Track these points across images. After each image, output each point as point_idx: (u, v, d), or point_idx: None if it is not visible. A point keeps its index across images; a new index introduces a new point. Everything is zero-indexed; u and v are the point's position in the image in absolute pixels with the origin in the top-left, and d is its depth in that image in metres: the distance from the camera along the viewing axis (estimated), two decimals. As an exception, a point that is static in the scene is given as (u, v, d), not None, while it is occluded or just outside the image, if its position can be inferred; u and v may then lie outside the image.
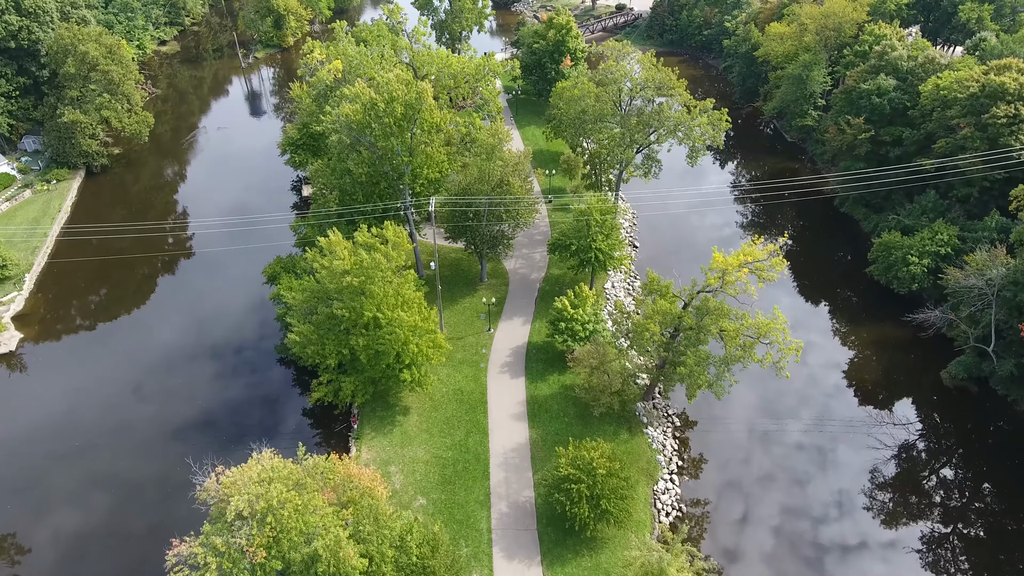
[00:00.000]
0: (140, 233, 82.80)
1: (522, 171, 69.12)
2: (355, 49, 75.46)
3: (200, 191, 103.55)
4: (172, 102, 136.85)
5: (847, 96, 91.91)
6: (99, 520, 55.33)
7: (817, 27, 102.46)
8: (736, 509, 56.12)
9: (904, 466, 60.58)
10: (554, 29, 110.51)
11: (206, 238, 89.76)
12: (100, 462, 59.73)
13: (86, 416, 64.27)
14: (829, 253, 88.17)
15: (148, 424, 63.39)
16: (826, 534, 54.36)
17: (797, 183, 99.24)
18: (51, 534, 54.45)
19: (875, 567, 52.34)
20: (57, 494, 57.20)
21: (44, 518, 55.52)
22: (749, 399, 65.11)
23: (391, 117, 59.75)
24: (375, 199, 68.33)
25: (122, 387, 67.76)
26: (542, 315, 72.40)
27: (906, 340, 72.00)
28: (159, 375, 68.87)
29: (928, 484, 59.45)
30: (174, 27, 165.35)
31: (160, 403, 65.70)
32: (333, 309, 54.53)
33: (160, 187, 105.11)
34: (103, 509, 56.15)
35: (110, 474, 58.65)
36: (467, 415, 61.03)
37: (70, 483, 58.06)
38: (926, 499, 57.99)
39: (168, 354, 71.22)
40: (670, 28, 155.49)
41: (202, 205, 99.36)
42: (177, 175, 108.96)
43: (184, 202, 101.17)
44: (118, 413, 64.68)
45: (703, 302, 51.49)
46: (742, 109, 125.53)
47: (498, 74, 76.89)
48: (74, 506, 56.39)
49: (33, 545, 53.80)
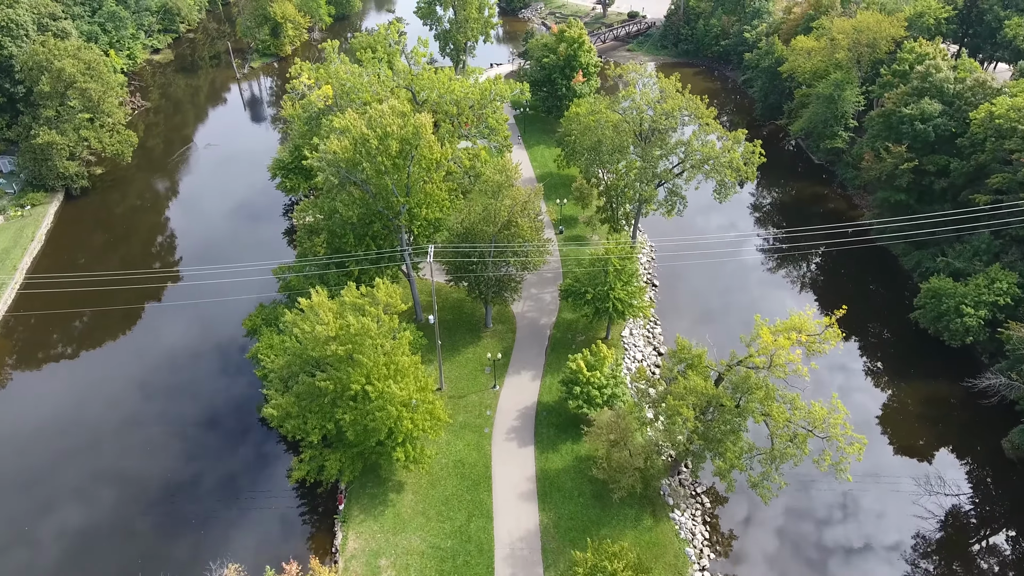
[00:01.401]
0: (114, 274, 74.99)
1: (532, 210, 61.98)
2: (348, 70, 68.36)
3: (185, 217, 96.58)
4: (165, 113, 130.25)
5: (886, 120, 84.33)
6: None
7: (850, 43, 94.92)
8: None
9: (957, 540, 53.29)
10: (565, 42, 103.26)
11: (186, 276, 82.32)
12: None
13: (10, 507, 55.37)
14: (864, 289, 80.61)
15: (88, 524, 53.34)
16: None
17: (833, 220, 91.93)
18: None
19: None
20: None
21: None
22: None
23: (384, 156, 52.71)
24: (368, 241, 61.25)
25: (68, 471, 57.82)
26: (553, 368, 65.25)
27: (959, 399, 64.50)
28: (115, 447, 60.01)
29: (983, 563, 52.09)
30: (168, 34, 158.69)
31: (111, 487, 56.27)
32: (316, 381, 47.51)
33: (143, 211, 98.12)
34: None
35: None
36: (469, 493, 53.85)
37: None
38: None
39: (132, 416, 63.06)
40: (685, 38, 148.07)
41: (187, 234, 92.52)
42: (163, 197, 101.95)
43: (168, 230, 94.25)
44: (54, 510, 54.52)
45: (743, 378, 44.22)
46: (764, 126, 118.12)
47: (505, 98, 69.76)
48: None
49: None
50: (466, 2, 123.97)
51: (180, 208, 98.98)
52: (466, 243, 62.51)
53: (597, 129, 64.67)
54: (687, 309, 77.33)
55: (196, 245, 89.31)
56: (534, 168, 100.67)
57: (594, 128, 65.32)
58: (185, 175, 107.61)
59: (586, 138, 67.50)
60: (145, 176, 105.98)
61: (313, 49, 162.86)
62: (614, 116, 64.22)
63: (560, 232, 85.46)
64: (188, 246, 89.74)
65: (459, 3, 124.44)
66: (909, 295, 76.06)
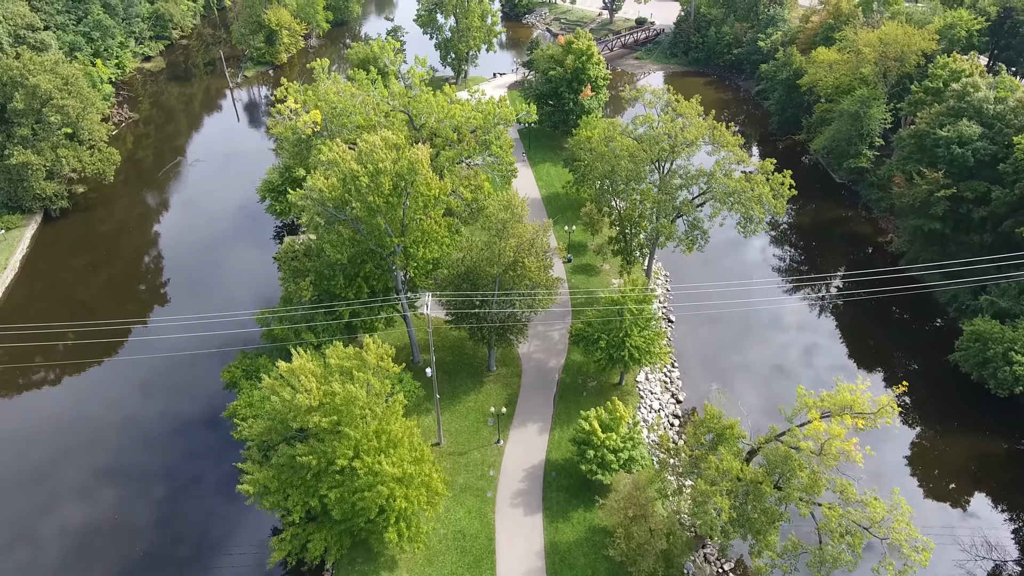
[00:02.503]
0: (83, 325, 68.44)
1: (541, 248, 56.34)
2: (338, 90, 62.67)
3: (170, 240, 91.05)
4: (155, 123, 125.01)
5: (918, 142, 78.51)
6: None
7: (876, 56, 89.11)
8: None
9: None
10: (572, 55, 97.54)
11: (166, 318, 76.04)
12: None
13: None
14: (896, 323, 74.89)
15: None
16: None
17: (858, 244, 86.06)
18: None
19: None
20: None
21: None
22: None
23: (376, 194, 47.14)
24: (360, 282, 55.64)
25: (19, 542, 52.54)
26: (563, 420, 59.64)
27: (1006, 454, 58.88)
28: (78, 518, 54.20)
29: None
30: (161, 41, 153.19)
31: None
32: (297, 455, 41.99)
33: (126, 233, 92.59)
34: None
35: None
36: (470, 571, 48.23)
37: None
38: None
39: (100, 479, 57.32)
40: (696, 45, 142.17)
41: (171, 259, 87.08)
42: (147, 218, 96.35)
43: (150, 255, 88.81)
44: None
45: (782, 456, 38.52)
46: (780, 140, 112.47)
47: (510, 121, 64.06)
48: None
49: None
50: (468, 10, 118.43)
51: (165, 230, 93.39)
52: (467, 283, 56.95)
53: (611, 158, 58.91)
54: (707, 349, 71.54)
55: (180, 274, 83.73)
56: (540, 188, 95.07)
57: (608, 157, 59.57)
58: (172, 193, 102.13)
59: (599, 166, 61.89)
60: (130, 194, 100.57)
61: (311, 56, 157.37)
62: (629, 143, 58.46)
63: (568, 261, 79.82)
64: (171, 274, 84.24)
65: (461, 11, 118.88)
66: (947, 333, 70.48)
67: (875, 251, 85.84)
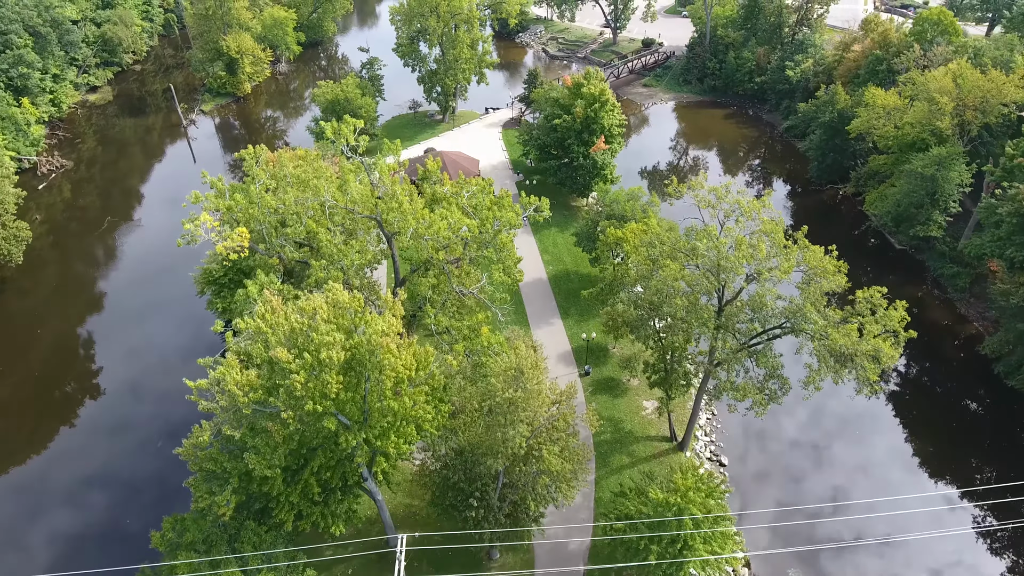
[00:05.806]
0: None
1: (565, 427, 39.76)
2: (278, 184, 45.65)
3: (79, 349, 73.57)
4: (97, 167, 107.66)
5: (1021, 221, 62.71)
6: None
7: (955, 106, 73.23)
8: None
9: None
10: (583, 100, 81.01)
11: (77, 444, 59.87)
12: None
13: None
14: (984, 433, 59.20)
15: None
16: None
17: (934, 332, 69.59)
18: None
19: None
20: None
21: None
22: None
23: (318, 398, 30.53)
24: (305, 480, 38.82)
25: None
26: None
27: None
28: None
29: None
30: (110, 68, 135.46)
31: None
32: None
33: (28, 339, 74.46)
34: None
35: None
36: None
37: None
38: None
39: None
40: (712, 72, 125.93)
41: (77, 386, 69.87)
42: (57, 312, 77.18)
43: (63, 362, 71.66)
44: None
45: None
46: (821, 191, 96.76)
47: (514, 225, 47.13)
48: None
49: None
50: (456, 39, 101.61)
51: (77, 330, 75.14)
52: (459, 473, 40.37)
53: (660, 306, 41.71)
54: (764, 491, 55.41)
55: (83, 410, 66.52)
56: (545, 263, 78.47)
57: (656, 304, 42.44)
58: (94, 271, 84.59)
59: (636, 307, 45.28)
60: (43, 277, 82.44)
61: (280, 84, 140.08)
62: (687, 274, 41.43)
63: (587, 374, 63.48)
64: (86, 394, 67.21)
65: (447, 40, 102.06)
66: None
67: (960, 347, 69.96)
